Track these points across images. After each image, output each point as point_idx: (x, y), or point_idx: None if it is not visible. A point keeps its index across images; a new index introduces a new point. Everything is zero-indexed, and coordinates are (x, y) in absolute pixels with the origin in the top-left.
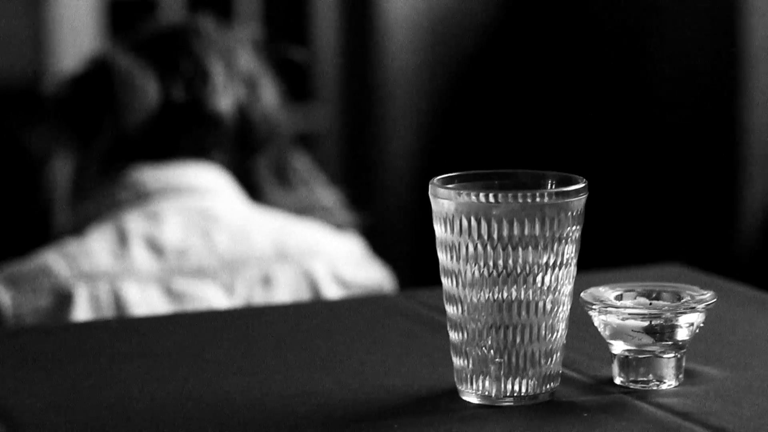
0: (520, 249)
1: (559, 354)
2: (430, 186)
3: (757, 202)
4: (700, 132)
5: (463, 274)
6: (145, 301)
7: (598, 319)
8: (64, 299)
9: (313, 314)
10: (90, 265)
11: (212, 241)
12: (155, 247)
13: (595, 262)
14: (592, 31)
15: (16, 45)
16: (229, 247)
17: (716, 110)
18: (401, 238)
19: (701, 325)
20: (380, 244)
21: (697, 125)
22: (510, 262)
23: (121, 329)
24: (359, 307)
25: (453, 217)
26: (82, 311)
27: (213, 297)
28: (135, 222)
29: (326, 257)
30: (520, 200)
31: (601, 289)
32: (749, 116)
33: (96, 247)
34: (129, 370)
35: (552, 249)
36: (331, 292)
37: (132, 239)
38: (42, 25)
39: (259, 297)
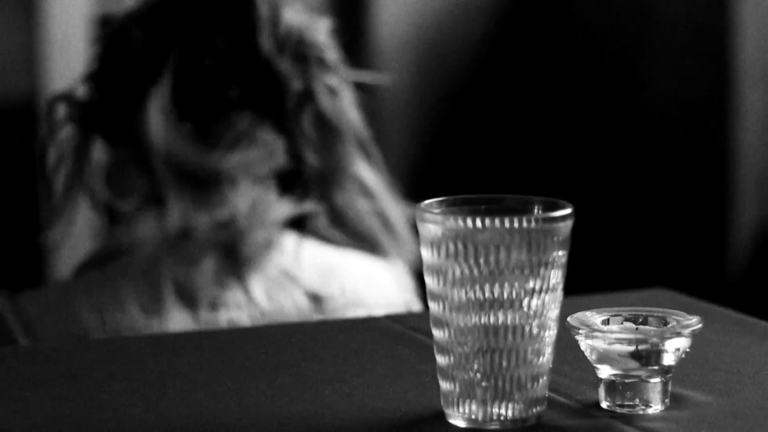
0: (506, 274)
1: (545, 378)
2: (416, 211)
3: (746, 227)
4: (689, 157)
5: (450, 299)
6: None
7: (584, 344)
8: None
9: (301, 336)
10: (130, 329)
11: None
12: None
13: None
14: (583, 54)
15: (9, 63)
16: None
17: (706, 135)
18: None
19: (687, 349)
20: None
21: (686, 150)
22: (497, 286)
23: (109, 350)
24: (347, 329)
25: (440, 241)
26: None
27: None
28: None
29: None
30: (507, 225)
31: (588, 313)
32: (739, 141)
33: (133, 305)
34: (116, 391)
35: (538, 274)
36: None
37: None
38: (34, 43)
39: None
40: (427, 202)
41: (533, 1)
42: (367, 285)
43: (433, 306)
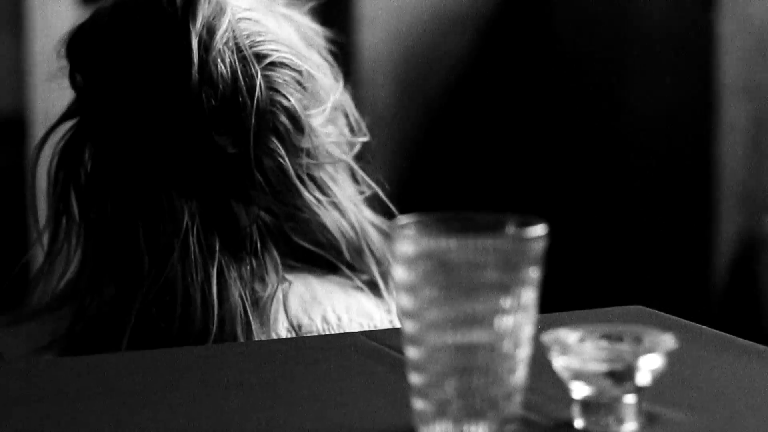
0: (480, 292)
1: (519, 396)
2: (390, 229)
3: (729, 241)
4: (672, 170)
5: (423, 317)
6: None
7: (558, 362)
8: None
9: (275, 353)
10: None
11: None
12: None
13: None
14: (566, 68)
15: None
16: None
17: (689, 148)
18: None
19: (662, 367)
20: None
21: (669, 163)
22: (470, 305)
23: (83, 368)
24: (321, 346)
25: (414, 260)
26: None
27: None
28: None
29: None
30: (480, 244)
31: (562, 331)
32: (722, 154)
33: None
34: (92, 409)
35: (512, 292)
36: None
37: None
38: (23, 56)
39: None
40: (400, 220)
41: (516, 16)
42: (350, 314)
43: (407, 324)
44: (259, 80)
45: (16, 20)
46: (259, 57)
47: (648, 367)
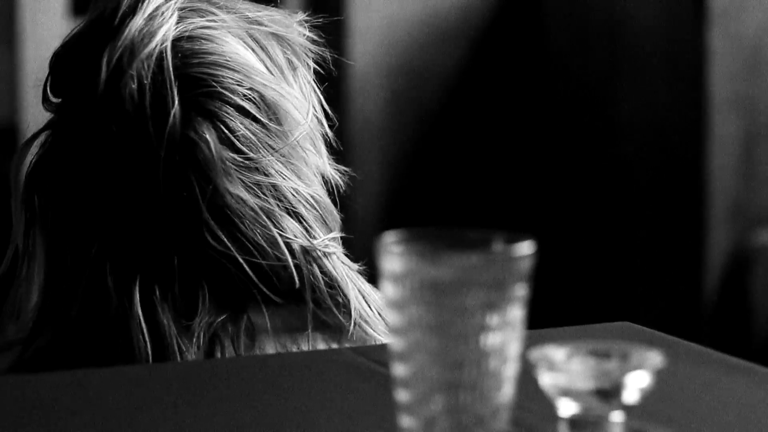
0: (467, 309)
1: (506, 413)
2: (378, 245)
3: (720, 255)
4: (663, 184)
5: (410, 334)
6: None
7: (545, 379)
8: None
9: (263, 369)
10: None
11: None
12: None
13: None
14: (557, 82)
15: None
16: None
17: (679, 162)
18: None
19: (649, 385)
20: None
21: (660, 177)
22: (458, 321)
23: (71, 383)
24: (310, 362)
25: (401, 277)
26: None
27: None
28: None
29: None
30: (468, 261)
31: (550, 348)
32: (712, 168)
33: None
34: (83, 423)
35: (499, 310)
36: None
37: None
38: (16, 67)
39: None
40: (387, 236)
41: (508, 28)
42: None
43: (394, 341)
44: (174, 107)
45: (8, 31)
46: (191, 80)
47: (635, 384)
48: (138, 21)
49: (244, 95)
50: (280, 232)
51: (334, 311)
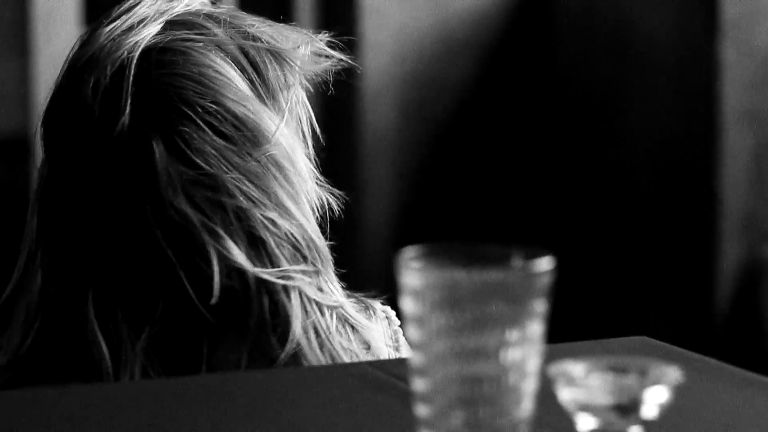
0: (487, 324)
1: (525, 428)
2: (398, 260)
3: (732, 268)
4: (675, 198)
5: (430, 349)
6: None
7: (564, 394)
8: None
9: (280, 383)
10: None
11: None
12: None
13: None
14: (568, 96)
15: (4, 96)
16: None
17: (691, 176)
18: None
19: (668, 400)
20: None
21: (672, 191)
22: (478, 337)
23: (87, 397)
24: (327, 376)
25: (421, 292)
26: None
27: None
28: None
29: None
30: (488, 276)
31: (568, 363)
32: (724, 182)
33: None
34: None
35: (519, 325)
36: None
37: None
38: (29, 77)
39: None
40: (408, 251)
41: (518, 40)
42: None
43: (414, 356)
44: (125, 116)
45: (21, 42)
46: (150, 90)
47: (654, 400)
48: (113, 30)
49: (205, 109)
50: (226, 253)
51: (271, 343)
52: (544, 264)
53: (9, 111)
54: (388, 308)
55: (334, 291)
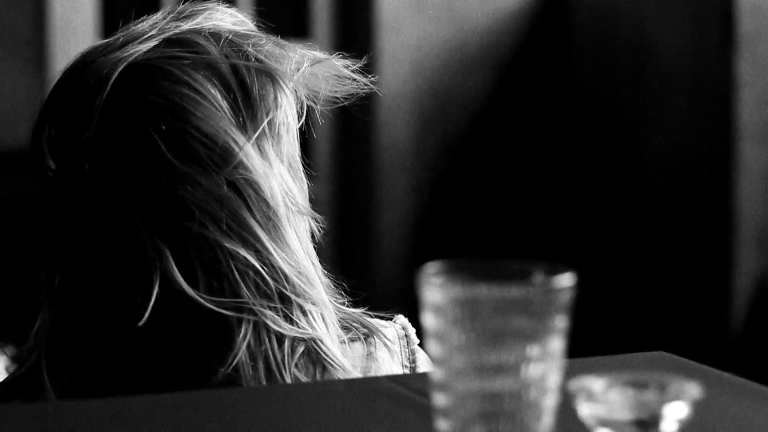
0: (508, 340)
1: None
2: (419, 275)
3: (748, 283)
4: (690, 213)
5: (450, 364)
6: None
7: (584, 410)
8: None
9: (299, 398)
10: None
11: None
12: None
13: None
14: (584, 111)
15: (19, 108)
16: None
17: (707, 191)
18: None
19: (687, 416)
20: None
21: (687, 206)
22: (497, 353)
23: (97, 411)
24: (347, 391)
25: (442, 307)
26: None
27: None
28: None
29: None
30: (508, 292)
31: (588, 379)
32: (740, 197)
33: None
34: None
35: (540, 340)
36: None
37: None
38: (46, 88)
39: None
40: (429, 266)
41: (535, 56)
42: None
43: (435, 371)
44: (90, 131)
45: (38, 56)
46: (118, 107)
47: (673, 415)
48: (107, 45)
49: (170, 126)
50: (170, 276)
51: (210, 364)
52: (566, 280)
53: (27, 124)
54: (407, 324)
55: (312, 323)
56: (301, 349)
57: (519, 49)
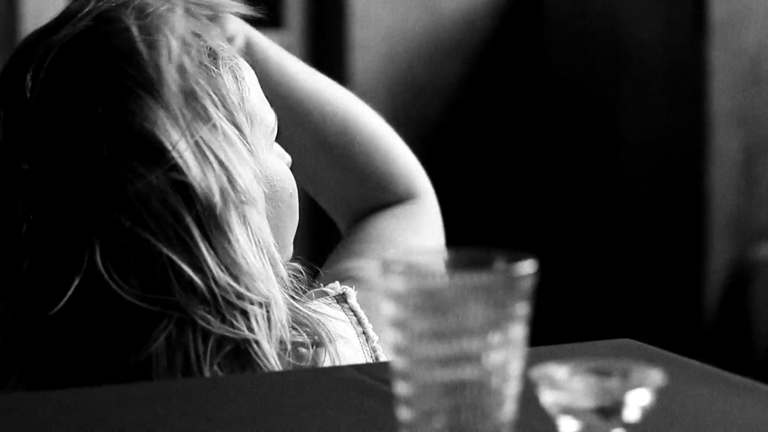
0: (469, 328)
1: (508, 431)
2: (379, 264)
3: (721, 270)
4: (664, 200)
5: (412, 353)
6: None
7: (546, 398)
8: None
9: (264, 387)
10: None
11: None
12: None
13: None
14: (558, 98)
15: None
16: None
17: (681, 178)
18: None
19: (651, 403)
20: None
21: (661, 193)
22: (459, 341)
23: (71, 402)
24: (312, 380)
25: (403, 296)
26: None
27: None
28: None
29: None
30: (469, 280)
31: (551, 366)
32: (713, 184)
33: None
34: None
35: (501, 328)
36: None
37: None
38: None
39: None
40: (390, 255)
41: (509, 43)
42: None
43: (396, 360)
44: (31, 111)
45: (10, 42)
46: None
47: (636, 402)
48: (43, 31)
49: (103, 116)
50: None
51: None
52: (526, 267)
53: None
54: (356, 306)
55: (251, 325)
56: (228, 347)
57: (492, 37)
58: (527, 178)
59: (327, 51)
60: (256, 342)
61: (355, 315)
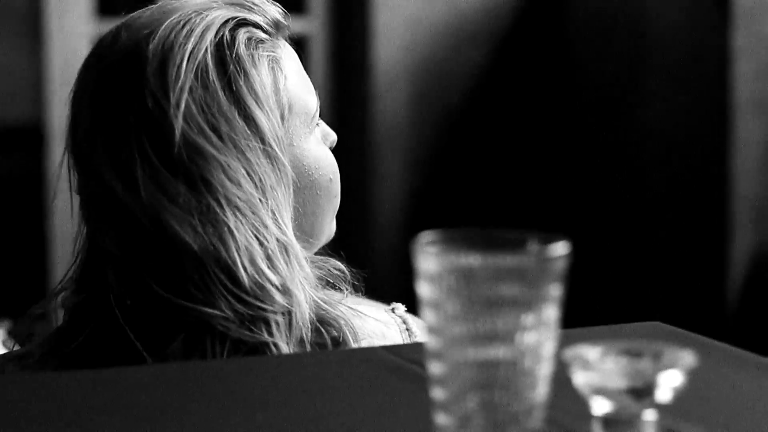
0: (503, 308)
1: (540, 412)
2: (414, 245)
3: (743, 255)
4: (687, 186)
5: (446, 332)
6: None
7: (578, 378)
8: None
9: (294, 369)
10: None
11: None
12: None
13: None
14: (580, 84)
15: (17, 85)
16: None
17: (703, 164)
18: (388, 288)
19: (682, 384)
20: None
21: (684, 179)
22: (492, 321)
23: (104, 382)
24: (341, 361)
25: (437, 276)
26: None
27: None
28: None
29: None
30: (503, 261)
31: (583, 348)
32: (736, 170)
33: None
34: (108, 423)
35: (535, 309)
36: None
37: None
38: (41, 66)
39: None
40: (424, 236)
41: (531, 29)
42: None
43: (430, 339)
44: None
45: (34, 32)
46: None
47: (668, 383)
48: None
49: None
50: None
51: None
52: (560, 248)
53: (23, 100)
54: (407, 316)
55: (272, 331)
56: (245, 349)
57: (514, 25)
58: (548, 166)
59: (349, 38)
60: (275, 344)
61: (404, 322)
